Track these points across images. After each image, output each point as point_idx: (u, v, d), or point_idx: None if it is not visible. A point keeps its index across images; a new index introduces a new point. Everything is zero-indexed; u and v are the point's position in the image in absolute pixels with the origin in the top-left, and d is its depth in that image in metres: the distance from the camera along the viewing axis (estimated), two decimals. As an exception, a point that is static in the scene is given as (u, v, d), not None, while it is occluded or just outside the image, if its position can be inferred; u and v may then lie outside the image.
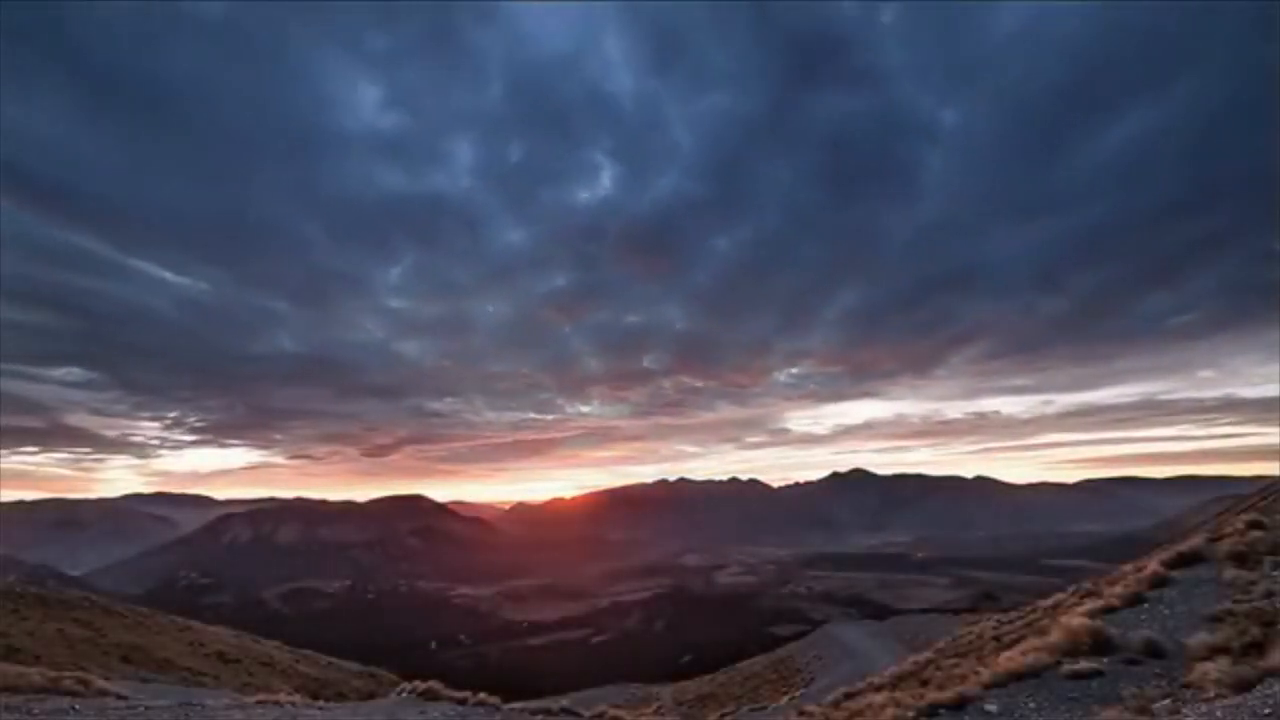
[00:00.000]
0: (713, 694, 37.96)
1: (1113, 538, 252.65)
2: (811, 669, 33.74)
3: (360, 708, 12.01)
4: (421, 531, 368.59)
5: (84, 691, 10.76)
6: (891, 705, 8.12)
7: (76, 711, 9.16)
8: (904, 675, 13.13)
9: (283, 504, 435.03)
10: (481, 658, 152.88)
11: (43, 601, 28.19)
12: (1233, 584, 8.80)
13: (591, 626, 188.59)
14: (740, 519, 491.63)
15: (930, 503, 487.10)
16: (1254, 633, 6.59)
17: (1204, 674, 5.84)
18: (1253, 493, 23.97)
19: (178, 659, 26.67)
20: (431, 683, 12.72)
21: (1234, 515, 15.30)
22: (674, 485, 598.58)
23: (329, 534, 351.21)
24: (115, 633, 27.34)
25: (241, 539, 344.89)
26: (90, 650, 23.83)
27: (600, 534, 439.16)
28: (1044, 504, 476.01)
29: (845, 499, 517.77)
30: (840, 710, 10.80)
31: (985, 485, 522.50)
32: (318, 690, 28.73)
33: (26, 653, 20.55)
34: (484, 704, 11.71)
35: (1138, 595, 9.54)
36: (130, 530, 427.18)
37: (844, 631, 41.79)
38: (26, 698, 9.64)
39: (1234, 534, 10.93)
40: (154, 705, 10.34)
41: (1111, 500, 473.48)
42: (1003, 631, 14.43)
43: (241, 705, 11.15)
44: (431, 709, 11.15)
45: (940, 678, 10.93)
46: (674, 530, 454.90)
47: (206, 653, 29.64)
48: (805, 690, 27.59)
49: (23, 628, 23.65)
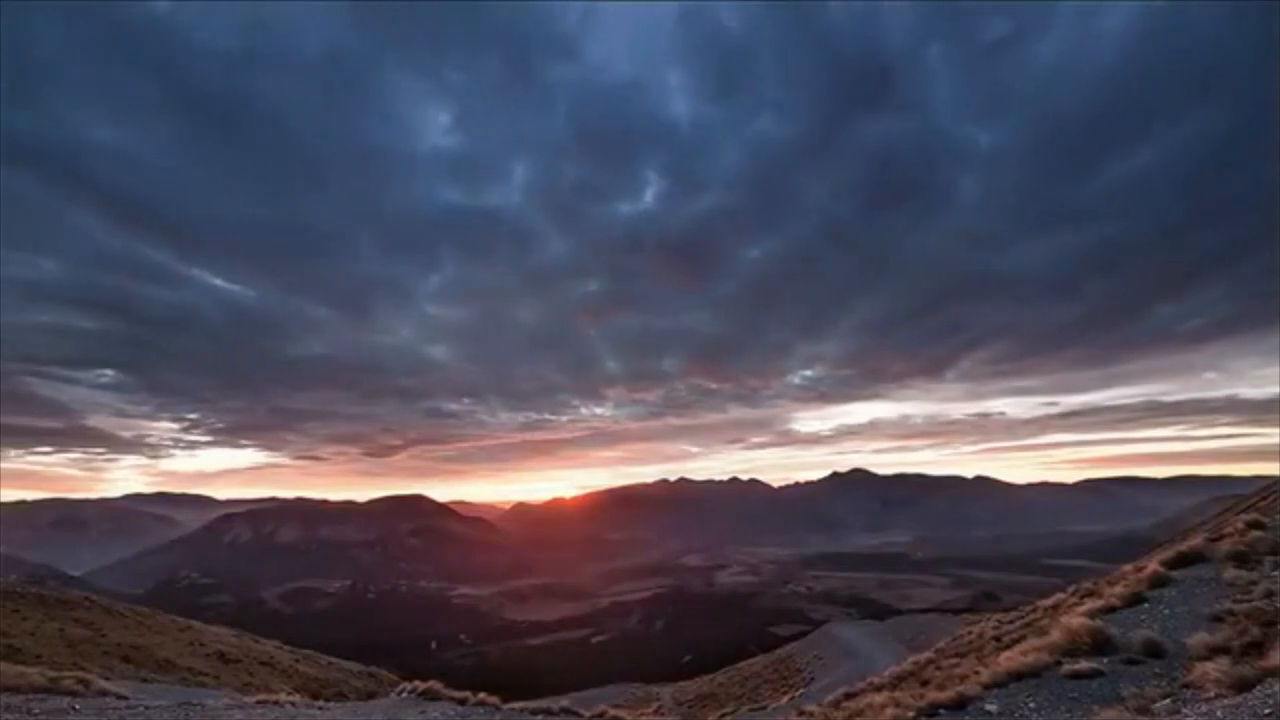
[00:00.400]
0: (713, 694, 37.97)
1: (1113, 538, 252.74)
2: (811, 669, 33.75)
3: (360, 708, 12.01)
4: (422, 531, 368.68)
5: (84, 691, 10.76)
6: (892, 705, 8.11)
7: (76, 711, 9.16)
8: (904, 675, 13.12)
9: (283, 504, 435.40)
10: (482, 657, 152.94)
11: (43, 601, 28.18)
12: (1233, 584, 8.79)
13: (592, 626, 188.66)
14: (741, 519, 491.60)
15: (930, 503, 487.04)
16: (1254, 633, 6.59)
17: (1204, 674, 5.83)
18: (1253, 493, 23.97)
19: (178, 659, 26.66)
20: (432, 683, 12.70)
21: (1234, 515, 15.30)
22: (675, 485, 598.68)
23: (329, 534, 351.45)
24: (115, 633, 27.34)
25: (242, 539, 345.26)
26: (90, 650, 23.83)
27: (601, 534, 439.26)
28: (1044, 504, 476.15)
29: (846, 499, 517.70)
30: (840, 710, 10.80)
31: (985, 485, 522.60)
32: (318, 690, 28.74)
33: (27, 653, 20.54)
34: (484, 704, 11.69)
35: (1138, 595, 9.53)
36: (131, 530, 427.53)
37: (844, 631, 41.81)
38: (26, 697, 9.64)
39: (1234, 534, 10.93)
40: (154, 705, 10.34)
41: (1111, 500, 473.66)
42: (1003, 631, 14.41)
43: (241, 705, 11.15)
44: (432, 709, 11.14)
45: (940, 678, 10.92)
46: (675, 530, 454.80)
47: (207, 653, 29.63)
48: (805, 690, 27.59)
49: (23, 627, 23.66)
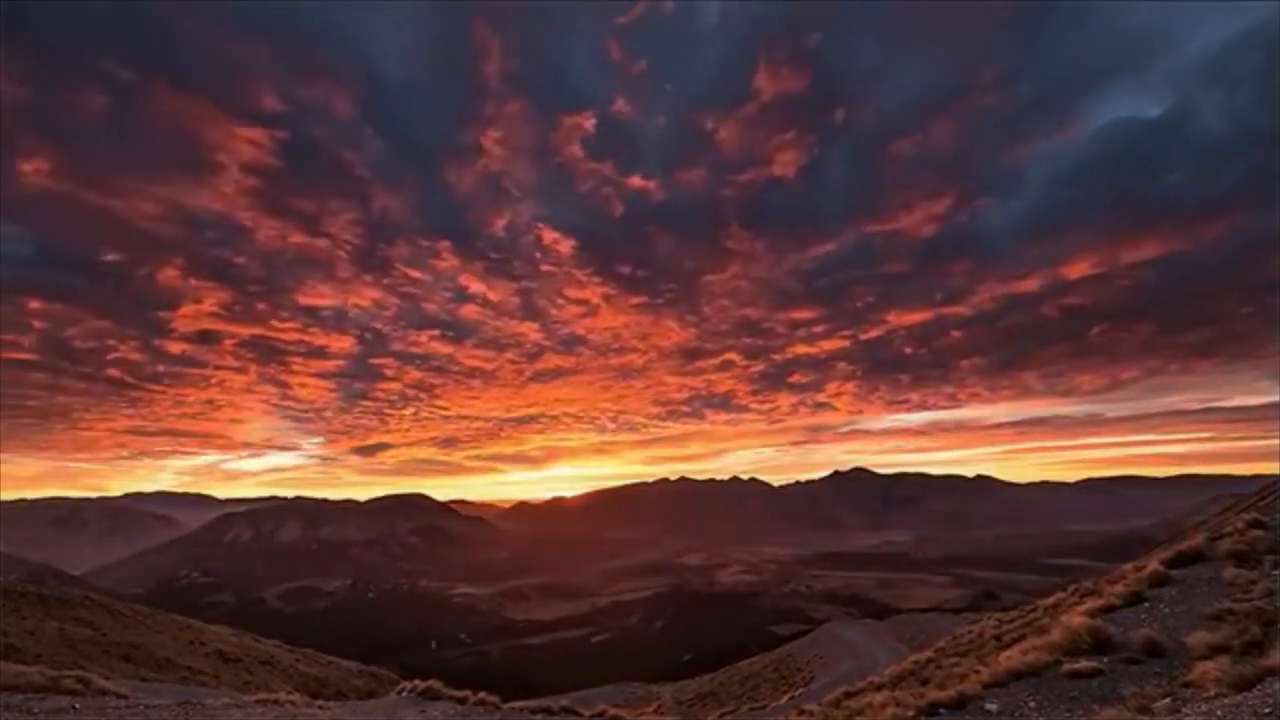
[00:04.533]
0: (713, 693, 37.99)
1: (1113, 537, 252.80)
2: (812, 668, 33.78)
3: (360, 707, 12.01)
4: (422, 531, 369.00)
5: (84, 690, 10.77)
6: (892, 704, 8.11)
7: (76, 711, 9.16)
8: (904, 674, 13.12)
9: (283, 503, 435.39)
10: (482, 657, 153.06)
11: (43, 601, 28.20)
12: (1233, 583, 8.79)
13: (592, 626, 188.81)
14: (741, 518, 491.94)
15: (931, 502, 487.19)
16: (1254, 632, 6.58)
17: (1204, 673, 5.82)
18: (1253, 492, 23.99)
19: (178, 658, 26.69)
20: (432, 682, 12.70)
21: (1234, 514, 15.30)
22: (675, 484, 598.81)
23: (329, 534, 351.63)
24: (115, 632, 27.37)
25: (242, 538, 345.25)
26: (90, 649, 23.85)
27: (601, 534, 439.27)
28: (1044, 504, 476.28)
29: (846, 498, 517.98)
30: (840, 710, 10.80)
31: (986, 484, 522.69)
32: (318, 689, 28.77)
33: (26, 652, 20.56)
34: (484, 703, 11.70)
35: (1138, 594, 9.54)
36: (131, 529, 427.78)
37: (844, 631, 41.84)
38: (26, 697, 9.64)
39: (1234, 533, 10.93)
40: (154, 704, 10.34)
41: (1111, 500, 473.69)
42: (1003, 631, 14.42)
43: (241, 704, 11.15)
44: (432, 708, 11.14)
45: (940, 677, 10.92)
46: (674, 529, 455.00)
47: (206, 652, 29.66)
48: (805, 689, 27.61)
49: (23, 627, 23.67)
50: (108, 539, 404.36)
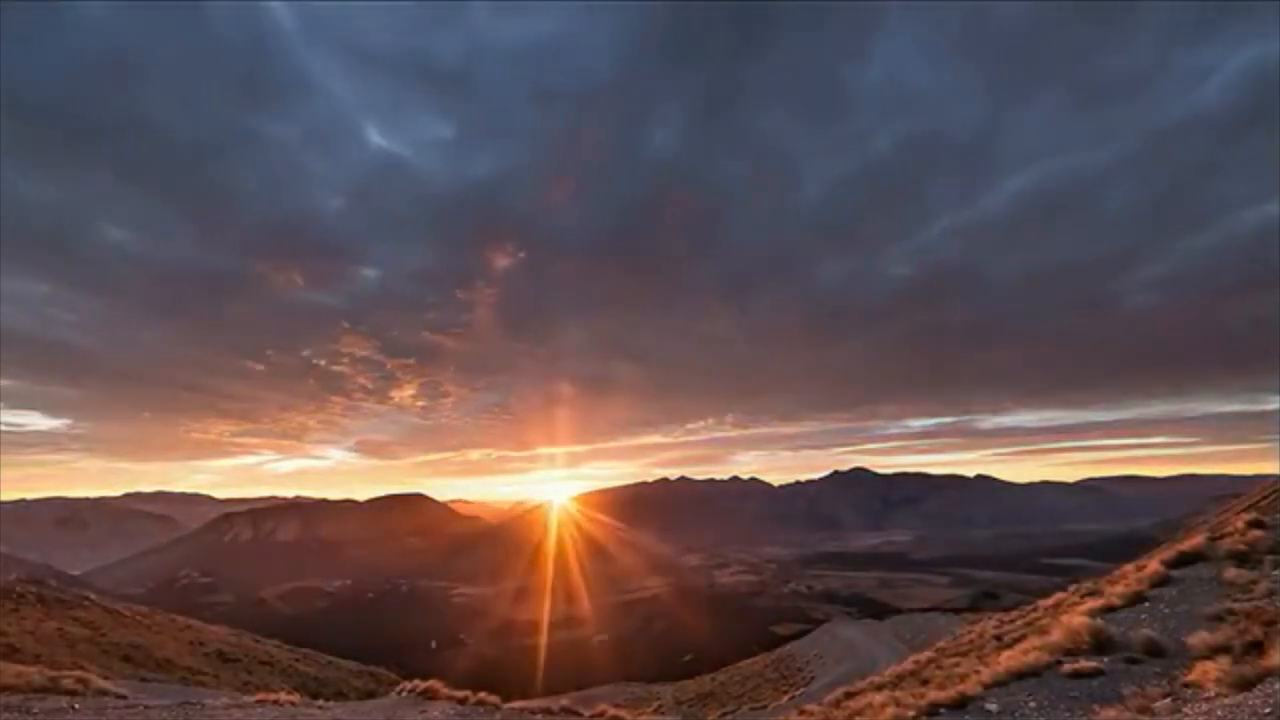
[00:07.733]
0: (713, 693, 37.99)
1: (1113, 537, 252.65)
2: (812, 668, 33.79)
3: (360, 707, 12.00)
4: (422, 530, 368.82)
5: (83, 691, 10.75)
6: (892, 705, 8.11)
7: (76, 711, 9.15)
8: (904, 674, 13.11)
9: (283, 503, 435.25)
10: (481, 657, 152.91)
11: (43, 601, 28.17)
12: (1233, 583, 8.79)
13: (592, 626, 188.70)
14: (741, 518, 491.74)
15: (931, 502, 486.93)
16: (1255, 632, 6.58)
17: (1205, 673, 5.82)
18: (1253, 492, 23.97)
19: (178, 658, 26.67)
20: (431, 682, 12.71)
21: (1234, 515, 15.29)
22: (675, 484, 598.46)
23: (329, 533, 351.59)
24: (115, 632, 27.34)
25: (242, 538, 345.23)
26: (90, 649, 23.82)
27: (600, 533, 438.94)
28: (1044, 504, 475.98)
29: (846, 498, 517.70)
30: (840, 710, 10.79)
31: (986, 484, 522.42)
32: (318, 690, 28.76)
33: (26, 652, 20.53)
34: (484, 703, 11.70)
35: (1138, 594, 9.53)
36: (131, 529, 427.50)
37: (844, 630, 41.85)
38: (26, 697, 9.63)
39: (1234, 533, 10.93)
40: (154, 705, 10.33)
41: (1111, 500, 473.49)
42: (1003, 631, 14.41)
43: (241, 705, 11.14)
44: (431, 708, 11.14)
45: (941, 677, 10.91)
46: (675, 530, 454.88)
47: (206, 652, 29.65)
48: (805, 689, 27.61)
49: (23, 627, 23.64)
50: (108, 539, 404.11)
